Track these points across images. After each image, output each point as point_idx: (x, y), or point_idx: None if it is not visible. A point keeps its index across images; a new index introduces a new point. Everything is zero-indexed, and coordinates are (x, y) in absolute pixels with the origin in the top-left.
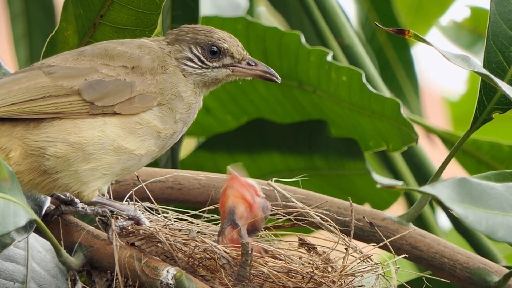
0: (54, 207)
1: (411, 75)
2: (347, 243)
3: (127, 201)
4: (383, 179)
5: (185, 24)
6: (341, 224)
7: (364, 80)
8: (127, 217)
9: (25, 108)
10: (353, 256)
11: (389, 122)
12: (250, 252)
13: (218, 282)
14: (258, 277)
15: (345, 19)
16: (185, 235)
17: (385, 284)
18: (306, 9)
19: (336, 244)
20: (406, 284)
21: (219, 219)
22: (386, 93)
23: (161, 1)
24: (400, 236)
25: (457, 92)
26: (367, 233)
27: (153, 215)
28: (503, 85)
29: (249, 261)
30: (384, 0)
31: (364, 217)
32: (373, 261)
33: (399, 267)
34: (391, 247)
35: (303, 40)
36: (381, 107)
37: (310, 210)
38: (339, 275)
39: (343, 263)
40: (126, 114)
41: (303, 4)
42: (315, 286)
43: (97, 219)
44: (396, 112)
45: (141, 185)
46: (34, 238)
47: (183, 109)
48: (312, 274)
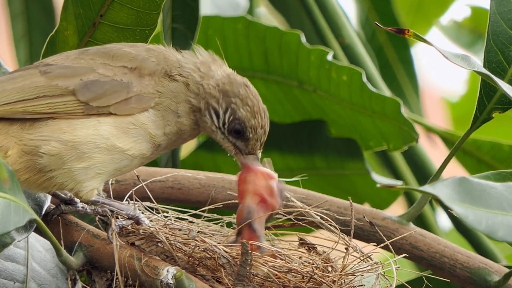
0: (54, 206)
1: (411, 75)
2: (347, 242)
3: (127, 200)
4: (383, 179)
5: (247, 86)
6: (341, 224)
7: (364, 79)
8: (127, 217)
9: (19, 108)
10: (353, 255)
11: (389, 121)
12: (250, 251)
13: (218, 282)
14: (258, 277)
15: (345, 18)
16: (185, 234)
17: (385, 284)
18: (306, 9)
19: (336, 243)
20: (406, 284)
21: (219, 219)
22: (387, 92)
23: (161, 0)
24: (400, 236)
25: (457, 92)
26: (367, 233)
27: (153, 214)
28: (503, 84)
29: (249, 260)
30: (384, 0)
31: (364, 216)
32: (373, 261)
33: (399, 267)
34: (391, 246)
35: (303, 39)
36: (381, 107)
37: (310, 210)
38: (339, 274)
39: (343, 262)
40: (121, 114)
41: (303, 3)
42: (315, 286)
43: (97, 218)
44: (397, 111)
45: (141, 185)
46: (34, 238)
47: (174, 126)
48: (312, 274)
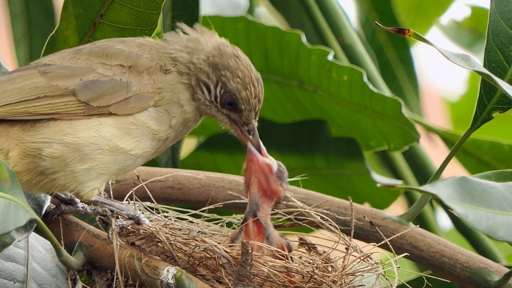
0: (54, 206)
1: (411, 75)
2: (347, 242)
3: (127, 200)
4: (383, 179)
5: (237, 56)
6: (341, 224)
7: (365, 79)
8: (127, 217)
9: (19, 108)
10: (353, 255)
11: (390, 121)
12: (250, 251)
13: (218, 282)
14: (259, 277)
15: (345, 18)
16: (185, 234)
17: (385, 284)
18: (306, 9)
19: (336, 243)
20: (406, 284)
21: (219, 219)
22: (387, 92)
23: (161, 0)
24: (400, 236)
25: (457, 92)
26: (367, 233)
27: (153, 214)
28: (503, 84)
29: (249, 260)
30: (384, 0)
31: (365, 216)
32: (373, 261)
33: (399, 267)
34: (391, 246)
35: (304, 39)
36: (382, 107)
37: (310, 210)
38: (340, 274)
39: (343, 262)
40: (121, 114)
41: (303, 3)
42: (316, 286)
43: (97, 218)
44: (398, 111)
45: (141, 185)
46: (34, 238)
47: (179, 117)
48: (313, 274)
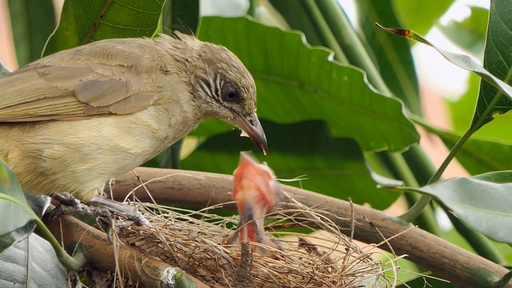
0: (54, 207)
1: (411, 75)
2: (347, 243)
3: (127, 201)
4: (383, 179)
5: (225, 50)
6: (341, 224)
7: (365, 80)
8: (127, 217)
9: (20, 110)
10: (353, 256)
11: (390, 122)
12: (250, 252)
13: (218, 283)
14: (259, 277)
15: (345, 19)
16: (185, 235)
17: (385, 284)
18: (306, 9)
19: (336, 244)
20: (406, 284)
21: (219, 219)
22: (387, 93)
23: (161, 1)
24: (400, 236)
25: (457, 92)
26: (367, 233)
27: (153, 215)
28: (503, 85)
29: (249, 261)
30: (384, 0)
31: (365, 217)
32: (373, 261)
33: (399, 267)
34: (391, 247)
35: (304, 40)
36: (382, 107)
37: (310, 210)
38: (340, 275)
39: (343, 263)
40: (121, 114)
41: (303, 4)
42: (316, 286)
43: (97, 219)
44: (398, 112)
45: (141, 185)
46: (34, 238)
47: (179, 116)
48: (313, 275)
